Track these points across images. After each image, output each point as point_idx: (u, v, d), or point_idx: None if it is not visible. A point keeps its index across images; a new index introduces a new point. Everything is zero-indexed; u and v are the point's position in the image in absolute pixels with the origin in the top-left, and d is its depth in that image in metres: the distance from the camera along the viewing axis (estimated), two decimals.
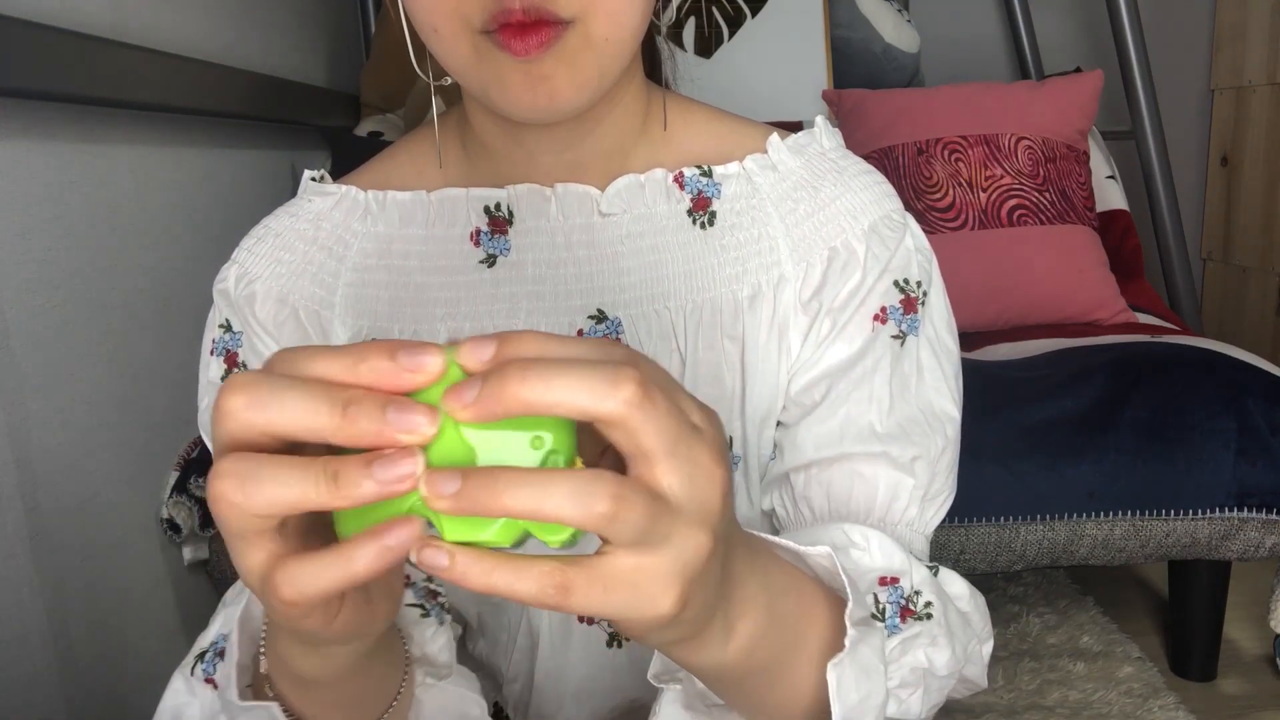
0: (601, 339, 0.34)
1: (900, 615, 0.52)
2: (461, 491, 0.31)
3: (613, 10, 0.50)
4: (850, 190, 0.62)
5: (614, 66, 0.53)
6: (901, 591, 0.53)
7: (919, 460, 0.59)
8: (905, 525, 0.60)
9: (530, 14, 0.48)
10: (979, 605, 0.58)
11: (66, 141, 1.00)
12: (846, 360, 0.60)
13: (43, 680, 0.91)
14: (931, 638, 0.52)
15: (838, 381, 0.60)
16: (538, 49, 0.49)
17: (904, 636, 0.51)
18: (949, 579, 0.57)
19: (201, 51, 1.29)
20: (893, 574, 0.53)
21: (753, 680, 0.43)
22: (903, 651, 0.51)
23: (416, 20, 0.52)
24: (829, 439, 0.60)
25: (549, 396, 0.31)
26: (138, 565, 1.09)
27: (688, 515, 0.33)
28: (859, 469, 0.59)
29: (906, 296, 0.61)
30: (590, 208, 0.61)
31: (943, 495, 0.62)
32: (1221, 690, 1.43)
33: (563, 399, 0.31)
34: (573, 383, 0.31)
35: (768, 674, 0.43)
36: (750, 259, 0.61)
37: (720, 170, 0.62)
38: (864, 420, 0.59)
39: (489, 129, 0.60)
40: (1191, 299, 2.00)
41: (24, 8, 0.89)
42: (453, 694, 0.53)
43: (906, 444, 0.59)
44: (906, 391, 0.61)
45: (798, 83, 1.93)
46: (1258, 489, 1.23)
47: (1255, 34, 2.20)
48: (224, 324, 0.63)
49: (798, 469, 0.60)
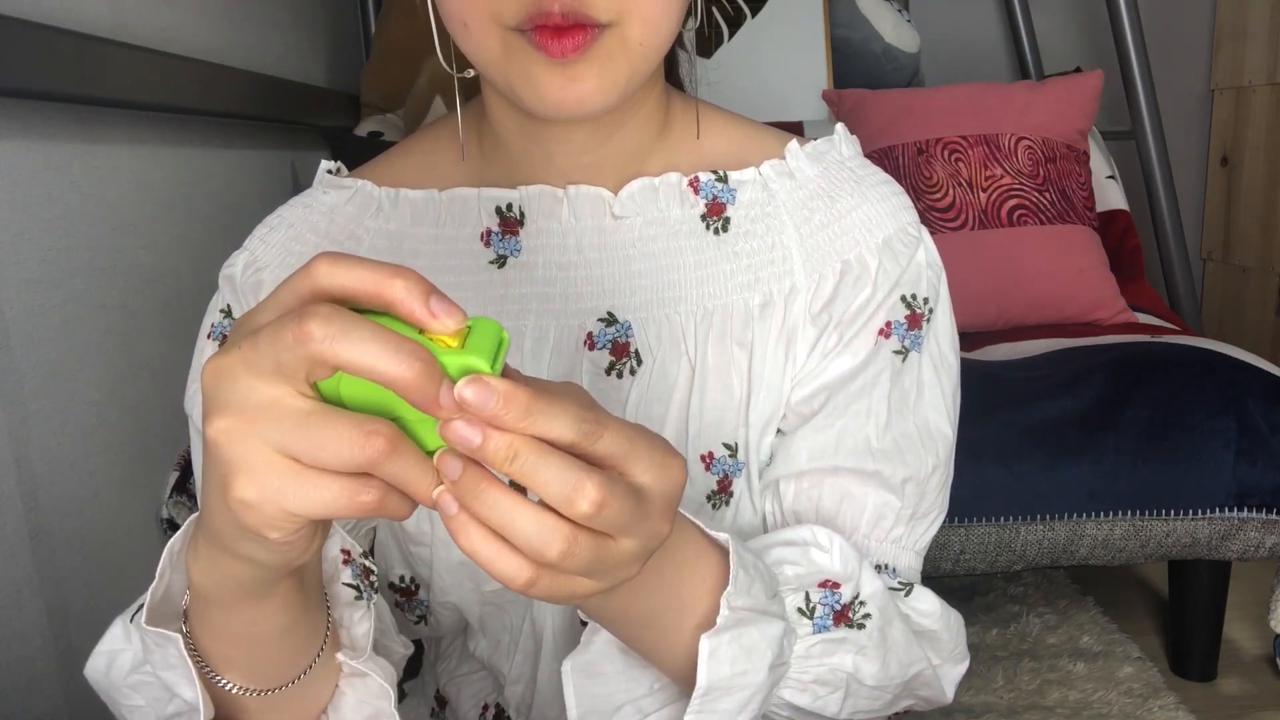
0: (570, 390, 0.38)
1: (834, 619, 0.54)
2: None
3: (648, 15, 0.51)
4: (867, 201, 0.62)
5: (644, 69, 0.53)
6: (839, 597, 0.54)
7: (909, 482, 0.60)
8: (892, 543, 0.61)
9: (569, 16, 0.48)
10: (951, 625, 0.59)
11: (66, 141, 1.00)
12: (848, 373, 0.60)
13: (43, 680, 0.91)
14: (859, 647, 0.54)
15: (836, 393, 0.60)
16: (574, 51, 0.49)
17: (828, 638, 0.53)
18: (920, 597, 0.59)
19: (201, 51, 1.29)
20: (836, 579, 0.54)
21: (632, 630, 0.48)
22: (825, 652, 0.53)
23: (446, 14, 0.52)
24: (823, 450, 0.60)
25: (524, 483, 0.36)
26: (138, 565, 1.09)
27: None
28: (849, 488, 0.60)
29: (912, 312, 0.61)
30: (603, 210, 0.61)
31: (933, 514, 0.63)
32: (1221, 690, 1.43)
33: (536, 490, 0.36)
34: (540, 485, 0.36)
35: (649, 629, 0.47)
36: (763, 268, 0.61)
37: (736, 176, 0.62)
38: (860, 435, 0.60)
39: (508, 126, 0.60)
40: (1191, 299, 2.00)
41: (24, 8, 0.89)
42: (373, 686, 0.52)
43: (899, 464, 0.60)
44: (905, 408, 0.61)
45: (798, 83, 1.93)
46: (1258, 489, 1.23)
47: (1255, 34, 2.20)
48: (224, 309, 0.63)
49: (789, 477, 0.61)
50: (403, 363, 0.33)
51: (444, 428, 0.35)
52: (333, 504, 0.35)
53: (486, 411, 0.34)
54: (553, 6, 0.48)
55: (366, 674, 0.51)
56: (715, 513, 0.62)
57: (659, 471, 0.38)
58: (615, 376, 0.61)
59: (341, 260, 0.35)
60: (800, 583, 0.54)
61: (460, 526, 0.36)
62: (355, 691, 0.52)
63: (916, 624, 0.58)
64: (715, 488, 0.61)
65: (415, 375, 0.33)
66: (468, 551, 0.36)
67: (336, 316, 0.33)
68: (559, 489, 0.35)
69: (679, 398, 0.61)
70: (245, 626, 0.45)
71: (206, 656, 0.47)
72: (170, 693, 0.48)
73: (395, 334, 0.34)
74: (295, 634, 0.48)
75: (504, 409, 0.34)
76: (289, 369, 0.34)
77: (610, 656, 0.51)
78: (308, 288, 0.35)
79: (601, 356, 0.61)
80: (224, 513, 0.37)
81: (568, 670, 0.51)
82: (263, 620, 0.45)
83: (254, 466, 0.35)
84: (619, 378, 0.61)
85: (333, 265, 0.35)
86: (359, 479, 0.35)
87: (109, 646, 0.51)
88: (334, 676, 0.51)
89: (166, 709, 0.49)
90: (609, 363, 0.61)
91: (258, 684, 0.48)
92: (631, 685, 0.52)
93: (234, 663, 0.47)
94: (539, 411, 0.35)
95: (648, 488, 0.38)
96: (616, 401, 0.61)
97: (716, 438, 0.61)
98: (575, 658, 0.51)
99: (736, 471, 0.61)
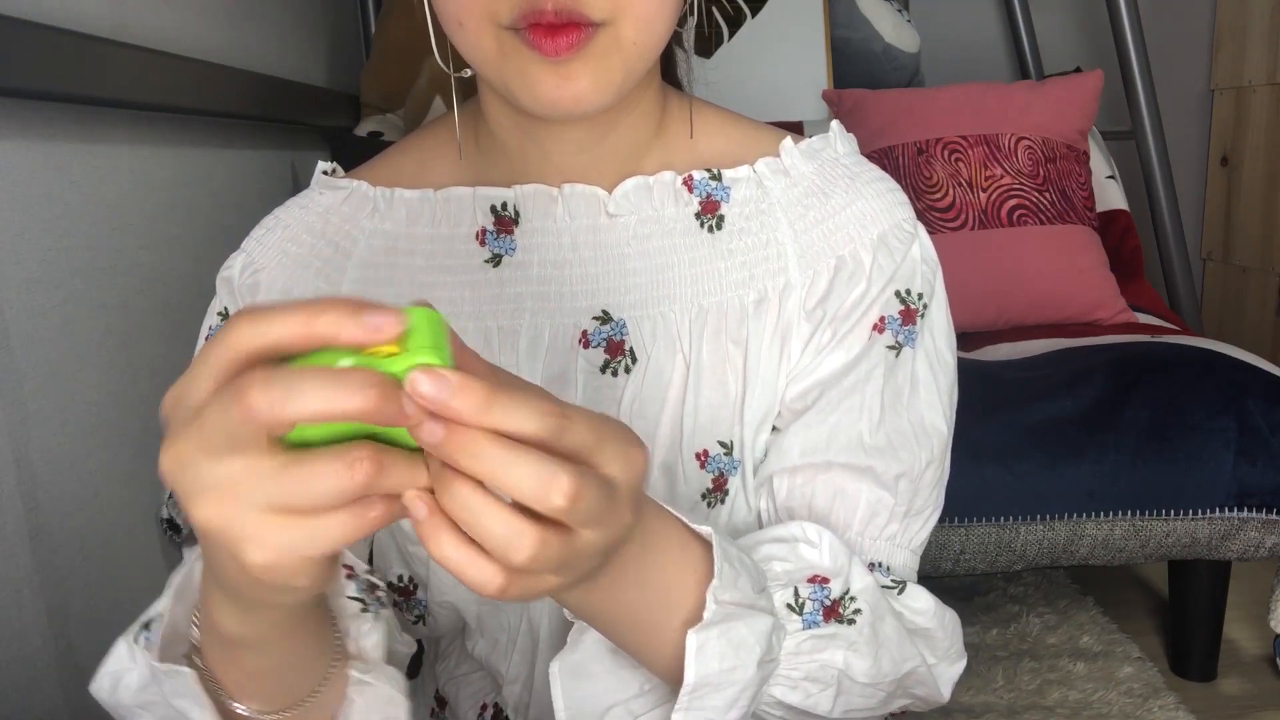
0: (530, 385, 0.37)
1: (824, 614, 0.53)
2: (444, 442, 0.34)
3: (642, 14, 0.51)
4: (862, 197, 0.62)
5: (639, 68, 0.53)
6: (829, 592, 0.54)
7: (903, 478, 0.60)
8: (886, 540, 0.60)
9: (562, 15, 0.49)
10: (946, 623, 0.59)
11: (66, 141, 1.00)
12: (841, 368, 0.60)
13: (43, 680, 0.91)
14: (850, 643, 0.53)
15: (829, 388, 0.60)
16: (568, 50, 0.49)
17: (818, 634, 0.53)
18: (913, 595, 0.58)
19: (201, 51, 1.29)
20: (824, 574, 0.54)
21: (619, 629, 0.47)
22: (815, 648, 0.53)
23: (441, 13, 0.53)
24: (816, 446, 0.60)
25: (494, 483, 0.35)
26: (138, 565, 1.09)
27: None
28: (842, 484, 0.59)
29: (906, 307, 0.61)
30: (597, 208, 0.61)
31: (927, 511, 0.62)
32: (1221, 690, 1.43)
33: (508, 488, 0.35)
34: (513, 482, 0.35)
35: (635, 627, 0.47)
36: (757, 265, 0.61)
37: (730, 174, 0.62)
38: (853, 430, 0.59)
39: (505, 124, 0.60)
40: (1191, 299, 2.00)
41: (24, 8, 0.89)
42: (382, 694, 0.52)
43: (892, 459, 0.59)
44: (898, 403, 0.61)
45: (798, 83, 1.93)
46: (1258, 489, 1.23)
47: (1255, 34, 2.20)
48: (222, 312, 0.64)
49: (782, 473, 0.60)
50: (355, 396, 0.32)
51: (414, 431, 0.34)
52: (346, 534, 0.35)
53: (441, 402, 0.33)
54: (546, 4, 0.48)
55: (373, 683, 0.51)
56: (710, 511, 0.62)
57: (625, 462, 0.38)
58: (610, 375, 0.61)
59: (261, 316, 0.34)
60: (789, 578, 0.54)
61: (431, 532, 0.35)
62: (364, 699, 0.52)
63: (910, 622, 0.58)
64: (710, 486, 0.61)
65: (373, 402, 0.32)
66: (438, 559, 0.36)
67: (273, 380, 0.33)
68: (532, 484, 0.35)
69: (674, 396, 0.61)
70: (274, 659, 0.46)
71: (222, 685, 0.47)
72: (183, 717, 0.48)
73: (337, 372, 0.33)
74: (310, 655, 0.48)
75: (459, 397, 0.33)
76: (245, 441, 0.34)
77: (599, 657, 0.51)
78: (233, 357, 0.34)
79: (596, 355, 0.61)
80: (247, 581, 0.37)
81: (555, 671, 0.51)
82: (290, 649, 0.46)
83: (256, 533, 0.35)
84: (613, 376, 0.61)
85: (253, 325, 0.34)
86: (360, 502, 0.35)
87: (113, 667, 0.51)
88: (343, 686, 0.52)
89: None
90: (603, 361, 0.61)
91: (273, 706, 0.48)
92: (620, 686, 0.52)
93: (250, 689, 0.47)
94: (500, 405, 0.34)
95: (616, 479, 0.38)
96: (611, 400, 0.61)
97: (711, 435, 0.61)
98: (563, 658, 0.51)
99: (732, 470, 0.61)
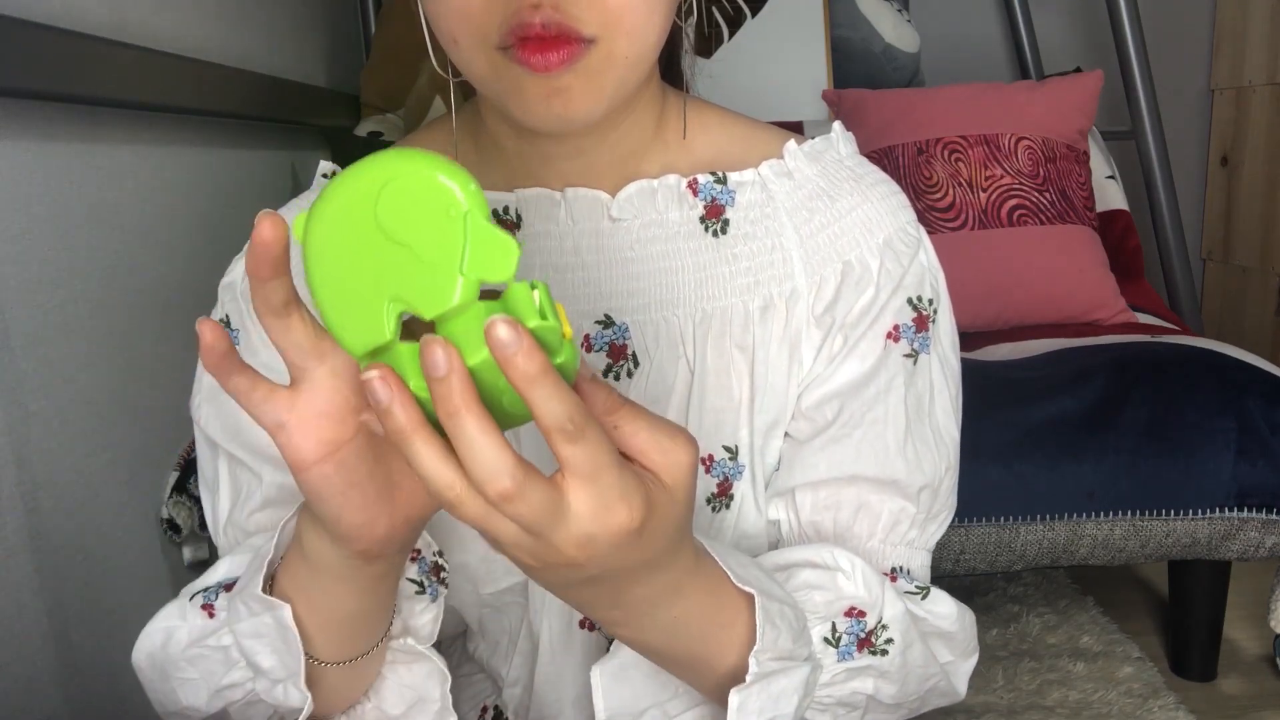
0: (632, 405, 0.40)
1: (857, 646, 0.55)
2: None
3: (633, 29, 0.50)
4: (867, 201, 0.62)
5: (632, 79, 0.53)
6: (865, 625, 0.55)
7: (925, 489, 0.61)
8: (905, 545, 0.61)
9: (550, 28, 0.48)
10: (966, 624, 0.61)
11: (66, 141, 1.00)
12: (860, 378, 0.60)
13: (43, 680, 0.91)
14: (881, 672, 0.55)
15: (850, 400, 0.60)
16: (558, 65, 0.49)
17: (852, 666, 0.54)
18: (937, 599, 0.59)
19: (201, 51, 1.29)
20: (861, 607, 0.55)
21: (660, 660, 0.50)
22: (848, 677, 0.55)
23: (438, 30, 0.53)
24: (842, 460, 0.60)
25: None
26: (138, 565, 1.09)
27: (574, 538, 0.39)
28: (867, 497, 0.60)
29: (919, 314, 0.61)
30: (600, 212, 0.61)
31: (943, 514, 0.63)
32: (1221, 690, 1.43)
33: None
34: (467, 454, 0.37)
35: (679, 668, 0.50)
36: (763, 270, 0.61)
37: (735, 177, 0.62)
38: (879, 443, 0.60)
39: (503, 131, 0.60)
40: (1191, 299, 2.00)
41: (24, 8, 0.89)
42: (419, 672, 0.54)
43: (917, 471, 0.60)
44: (921, 412, 0.61)
45: (798, 83, 1.93)
46: (1258, 489, 1.23)
47: (1255, 34, 2.20)
48: (223, 320, 0.63)
49: (805, 487, 0.61)
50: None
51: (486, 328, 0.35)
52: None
53: (510, 351, 0.34)
54: (533, 18, 0.48)
55: (426, 656, 0.54)
56: (715, 515, 0.62)
57: (595, 510, 0.38)
58: (612, 379, 0.61)
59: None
60: (828, 610, 0.55)
61: (410, 432, 0.37)
62: (398, 676, 0.55)
63: (934, 626, 0.59)
64: (715, 490, 0.61)
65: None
66: (408, 454, 0.37)
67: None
68: (486, 465, 0.36)
69: (677, 400, 0.61)
70: (350, 606, 0.49)
71: (301, 629, 0.50)
72: (230, 664, 0.52)
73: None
74: (376, 614, 0.52)
75: (523, 358, 0.35)
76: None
77: (638, 663, 0.52)
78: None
79: (598, 359, 0.61)
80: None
81: (597, 675, 0.52)
82: (362, 601, 0.50)
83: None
84: (616, 380, 0.61)
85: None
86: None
87: (164, 623, 0.54)
88: (381, 661, 0.54)
89: (222, 680, 0.53)
90: (606, 365, 0.61)
91: (330, 658, 0.51)
92: (658, 690, 0.53)
93: (317, 638, 0.50)
94: (546, 384, 0.35)
95: (574, 514, 0.38)
96: None
97: (716, 440, 0.61)
98: (605, 663, 0.52)
99: (737, 474, 0.61)
